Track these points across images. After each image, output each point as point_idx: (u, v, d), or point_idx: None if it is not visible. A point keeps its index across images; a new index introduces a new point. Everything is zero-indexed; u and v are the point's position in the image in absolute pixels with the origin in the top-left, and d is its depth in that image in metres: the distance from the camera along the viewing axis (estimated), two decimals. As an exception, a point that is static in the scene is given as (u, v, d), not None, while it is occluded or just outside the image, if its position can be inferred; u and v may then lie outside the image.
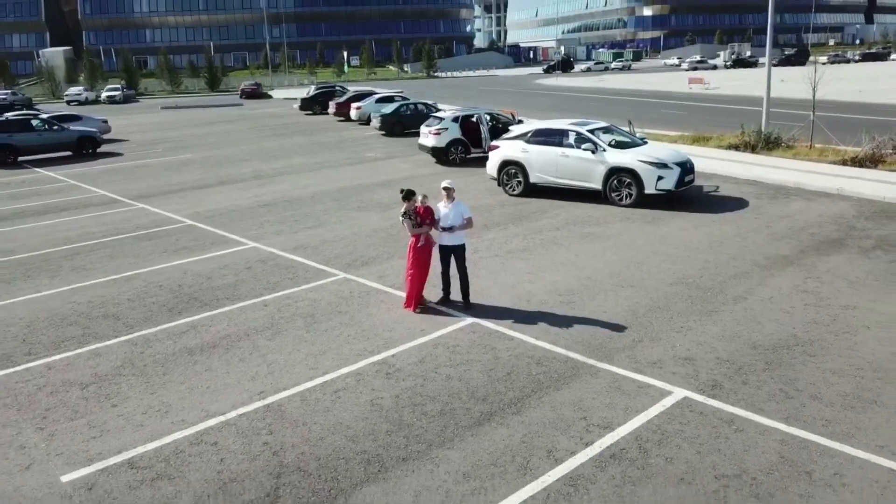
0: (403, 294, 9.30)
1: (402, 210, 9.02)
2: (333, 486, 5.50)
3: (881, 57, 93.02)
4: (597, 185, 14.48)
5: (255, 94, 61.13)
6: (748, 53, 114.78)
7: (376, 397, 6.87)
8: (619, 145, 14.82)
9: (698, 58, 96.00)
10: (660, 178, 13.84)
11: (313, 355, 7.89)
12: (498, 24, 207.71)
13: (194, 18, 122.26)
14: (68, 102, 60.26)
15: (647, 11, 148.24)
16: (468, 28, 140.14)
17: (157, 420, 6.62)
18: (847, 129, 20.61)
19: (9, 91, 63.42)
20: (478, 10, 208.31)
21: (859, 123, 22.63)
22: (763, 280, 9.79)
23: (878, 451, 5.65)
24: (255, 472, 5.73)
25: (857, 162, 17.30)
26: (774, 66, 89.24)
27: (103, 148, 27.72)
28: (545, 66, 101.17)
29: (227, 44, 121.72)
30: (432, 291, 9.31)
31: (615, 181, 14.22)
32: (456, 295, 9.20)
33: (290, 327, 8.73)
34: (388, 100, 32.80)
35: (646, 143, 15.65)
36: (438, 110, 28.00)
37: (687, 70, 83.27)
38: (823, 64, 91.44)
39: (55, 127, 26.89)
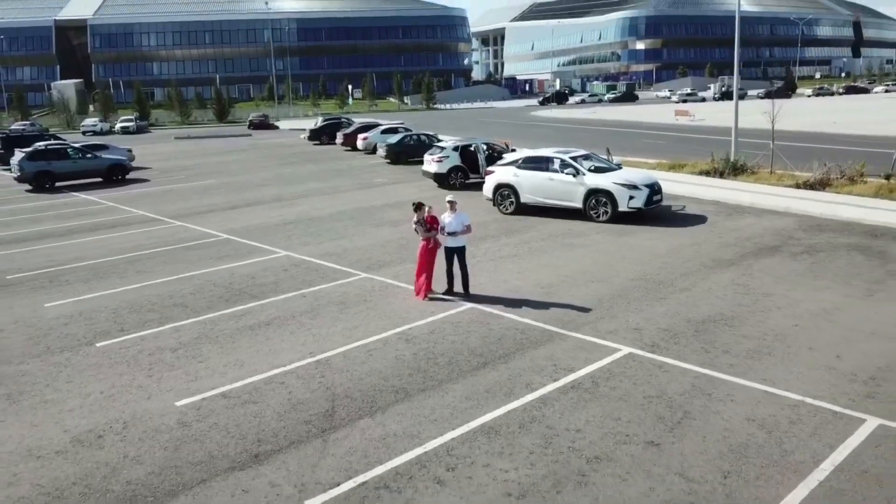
0: (414, 288, 11.57)
1: (415, 219, 11.35)
2: (373, 405, 7.72)
3: (864, 90, 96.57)
4: (578, 204, 16.86)
5: (263, 125, 63.98)
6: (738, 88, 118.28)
7: (399, 354, 9.12)
8: (597, 170, 17.24)
9: (688, 90, 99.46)
10: (631, 197, 16.23)
11: (348, 329, 10.15)
12: (495, 57, 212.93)
13: (200, 52, 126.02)
14: (84, 133, 62.98)
15: (640, 45, 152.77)
16: (466, 61, 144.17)
17: (235, 370, 8.85)
18: (810, 157, 23.04)
19: (27, 122, 66.14)
20: (476, 44, 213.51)
21: (821, 152, 25.08)
22: (706, 276, 12.10)
23: (761, 382, 7.90)
24: (316, 399, 7.95)
25: (808, 185, 19.73)
26: (760, 98, 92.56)
27: (130, 175, 30.19)
28: (541, 99, 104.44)
29: (232, 76, 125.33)
30: (438, 284, 11.58)
31: (593, 200, 16.60)
32: (458, 287, 11.48)
33: (327, 311, 11.00)
34: (392, 131, 35.40)
35: (620, 167, 18.09)
36: (440, 140, 30.54)
37: (677, 102, 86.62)
38: (809, 96, 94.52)
39: (88, 155, 29.38)
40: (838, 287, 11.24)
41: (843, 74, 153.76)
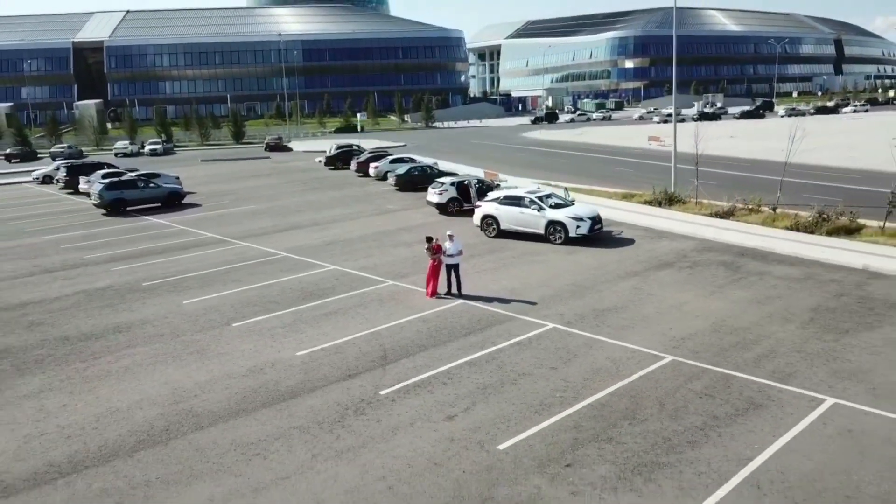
0: (426, 291, 17.89)
1: (426, 247, 17.72)
2: (406, 353, 14.04)
3: (834, 110, 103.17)
4: (541, 231, 23.24)
5: (279, 147, 70.42)
6: (719, 104, 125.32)
7: (419, 328, 15.46)
8: (556, 206, 23.64)
9: (666, 111, 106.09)
10: (578, 226, 22.62)
11: (386, 315, 16.49)
12: (492, 71, 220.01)
13: (211, 71, 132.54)
14: (115, 155, 69.40)
15: (629, 63, 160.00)
16: (463, 79, 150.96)
17: (323, 338, 15.17)
18: (740, 186, 29.39)
19: (64, 145, 72.49)
20: (473, 58, 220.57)
21: (749, 181, 31.47)
22: (617, 283, 18.47)
23: (622, 340, 14.23)
24: (374, 350, 14.26)
25: (718, 215, 26.15)
26: (736, 118, 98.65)
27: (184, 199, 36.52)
28: (532, 118, 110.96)
29: (240, 94, 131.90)
30: (440, 288, 17.91)
31: (551, 228, 22.99)
32: (454, 290, 17.82)
33: (371, 305, 17.33)
34: (399, 161, 41.87)
35: (573, 203, 24.51)
36: (440, 171, 36.97)
37: (657, 123, 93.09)
38: (781, 117, 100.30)
39: (151, 185, 35.76)
40: (695, 290, 17.63)
41: (819, 93, 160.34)
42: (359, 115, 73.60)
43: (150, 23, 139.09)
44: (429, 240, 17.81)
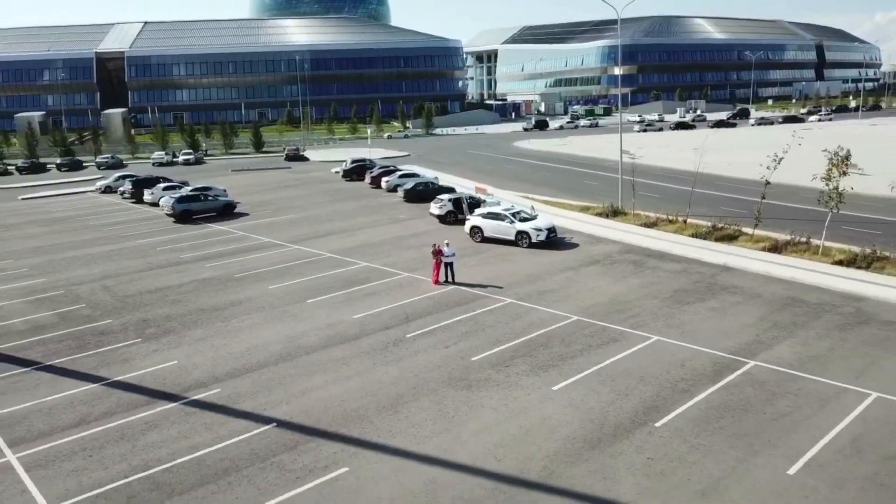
0: (431, 280, 27.07)
1: (432, 251, 26.96)
2: (420, 315, 23.21)
3: (800, 119, 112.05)
4: (512, 238, 32.40)
5: (297, 156, 79.48)
6: (699, 112, 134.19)
7: (428, 303, 24.65)
8: (523, 219, 32.80)
9: (648, 119, 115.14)
10: (538, 235, 31.79)
11: (405, 294, 25.68)
12: (489, 73, 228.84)
13: (224, 80, 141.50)
14: (153, 164, 78.51)
15: (618, 70, 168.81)
16: (461, 84, 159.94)
17: (368, 308, 24.34)
18: (677, 199, 38.51)
19: (108, 155, 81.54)
20: (471, 61, 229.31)
21: (686, 194, 40.54)
22: (557, 274, 27.64)
23: (550, 307, 23.42)
24: (400, 314, 23.44)
25: (646, 225, 35.30)
26: (710, 127, 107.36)
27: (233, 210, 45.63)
28: (525, 125, 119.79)
29: (252, 101, 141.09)
30: (441, 278, 27.12)
31: (520, 236, 32.16)
32: (450, 279, 27.01)
33: (396, 289, 26.52)
34: (406, 176, 51.02)
35: (536, 217, 33.66)
36: (440, 187, 46.09)
37: (638, 132, 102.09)
38: (752, 125, 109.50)
39: (210, 197, 44.88)
40: (607, 279, 26.82)
41: (794, 99, 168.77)
42: (368, 129, 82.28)
43: (167, 34, 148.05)
44: (433, 247, 27.04)
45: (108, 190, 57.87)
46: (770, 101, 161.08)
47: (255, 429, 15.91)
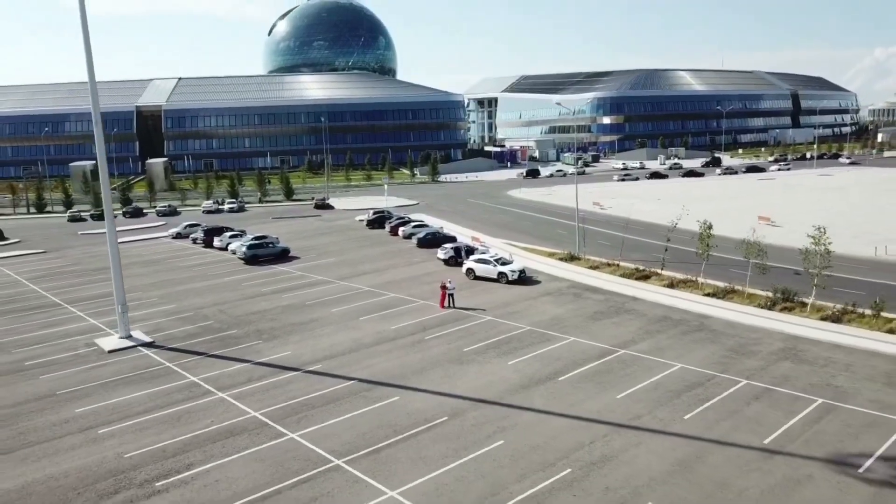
0: (439, 305, 41.16)
1: (441, 285, 41.18)
2: (433, 326, 37.27)
3: (761, 169, 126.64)
4: (495, 277, 46.60)
5: (324, 205, 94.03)
6: (676, 160, 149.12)
7: (437, 320, 38.70)
8: (503, 263, 47.04)
9: (628, 168, 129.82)
10: (513, 275, 45.98)
11: (422, 315, 39.75)
12: (489, 118, 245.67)
13: (250, 130, 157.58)
14: (203, 212, 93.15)
15: (607, 120, 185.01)
16: (462, 133, 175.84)
17: (399, 323, 38.40)
18: (626, 247, 52.68)
19: (165, 204, 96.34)
20: (473, 105, 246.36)
21: (635, 243, 54.74)
22: (522, 301, 41.69)
23: (506, 319, 37.47)
24: (419, 326, 37.50)
25: (593, 268, 49.39)
26: (681, 176, 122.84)
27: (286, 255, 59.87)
28: (520, 172, 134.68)
29: (275, 150, 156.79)
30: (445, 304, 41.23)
31: (500, 275, 46.36)
32: (452, 305, 41.09)
33: (415, 311, 40.59)
34: (418, 226, 65.42)
35: (513, 261, 47.86)
36: (445, 236, 60.42)
37: (617, 181, 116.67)
38: (719, 175, 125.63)
39: (270, 245, 59.21)
40: (554, 304, 40.86)
41: (763, 149, 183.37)
42: (385, 184, 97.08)
43: (199, 88, 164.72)
44: (441, 282, 41.28)
45: (178, 236, 72.30)
46: (741, 150, 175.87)
47: (344, 383, 29.85)
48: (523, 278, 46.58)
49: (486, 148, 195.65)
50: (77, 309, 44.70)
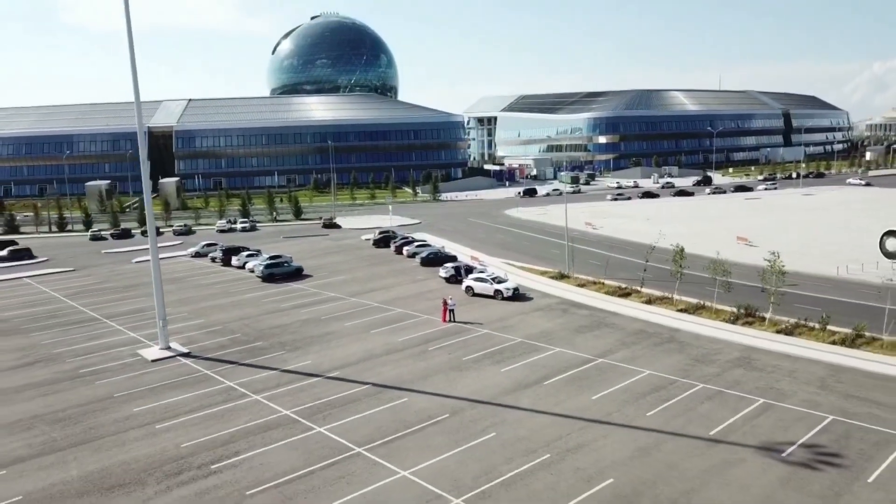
0: (441, 319, 46.14)
1: (442, 301, 46.23)
2: (435, 339, 42.27)
3: (748, 188, 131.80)
4: (492, 294, 51.62)
5: (332, 224, 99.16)
6: (668, 179, 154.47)
7: (439, 332, 43.69)
8: (499, 281, 52.08)
9: (622, 188, 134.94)
10: (507, 292, 51.01)
11: (425, 328, 44.74)
12: (489, 135, 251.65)
13: (258, 150, 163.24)
14: (217, 231, 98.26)
15: (602, 139, 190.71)
16: (461, 153, 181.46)
17: (405, 335, 43.42)
18: (612, 266, 57.78)
19: (182, 225, 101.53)
20: (473, 123, 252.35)
21: (620, 262, 59.79)
22: (515, 316, 46.67)
23: (499, 331, 42.47)
24: (422, 339, 42.48)
25: (580, 285, 54.42)
26: (674, 195, 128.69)
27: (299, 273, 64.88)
28: (518, 191, 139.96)
29: (282, 169, 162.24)
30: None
31: (495, 292, 51.39)
32: (453, 319, 46.10)
33: (420, 325, 45.59)
34: (422, 246, 70.52)
35: (507, 280, 52.91)
36: (446, 255, 65.49)
37: (610, 201, 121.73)
38: (708, 194, 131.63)
39: (285, 264, 64.27)
40: (544, 319, 45.84)
41: (753, 167, 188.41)
42: (390, 205, 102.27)
43: (209, 110, 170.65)
44: (443, 299, 46.33)
45: (197, 255, 77.39)
46: (731, 169, 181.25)
47: (360, 387, 34.79)
48: (517, 295, 51.60)
49: (486, 166, 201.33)
50: (116, 323, 49.72)
